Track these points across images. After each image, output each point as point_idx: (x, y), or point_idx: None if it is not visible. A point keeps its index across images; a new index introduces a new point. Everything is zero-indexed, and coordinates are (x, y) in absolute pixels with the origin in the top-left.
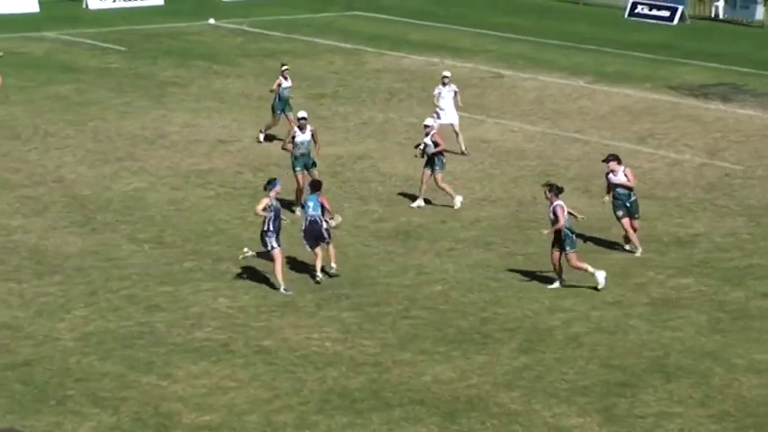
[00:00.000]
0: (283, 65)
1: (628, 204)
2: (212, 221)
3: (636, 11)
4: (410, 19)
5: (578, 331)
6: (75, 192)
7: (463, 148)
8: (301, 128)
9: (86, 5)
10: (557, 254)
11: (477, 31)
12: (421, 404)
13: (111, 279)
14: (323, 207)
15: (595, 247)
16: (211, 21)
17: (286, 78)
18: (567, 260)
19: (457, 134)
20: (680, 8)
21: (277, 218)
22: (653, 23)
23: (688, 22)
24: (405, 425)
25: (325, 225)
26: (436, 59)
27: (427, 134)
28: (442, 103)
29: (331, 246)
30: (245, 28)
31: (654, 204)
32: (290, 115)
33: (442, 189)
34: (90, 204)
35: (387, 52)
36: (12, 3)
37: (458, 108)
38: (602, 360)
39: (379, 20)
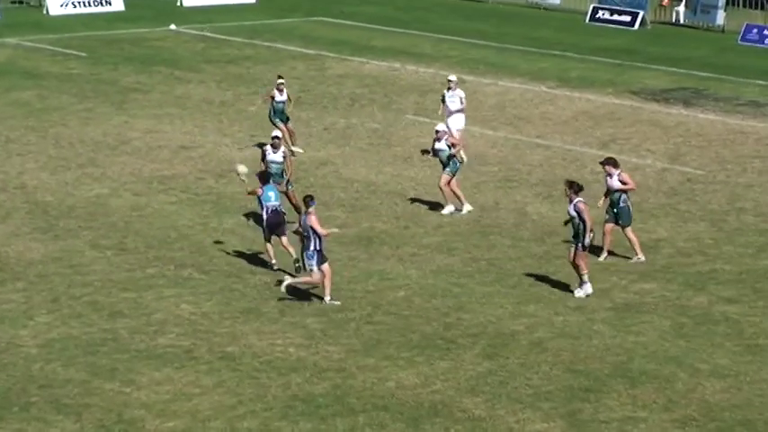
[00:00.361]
0: (279, 77)
1: (615, 210)
2: (175, 227)
3: (597, 16)
4: (372, 24)
5: (542, 336)
6: (37, 198)
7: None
8: (274, 147)
9: (47, 11)
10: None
11: (439, 36)
12: (385, 410)
13: (74, 285)
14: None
15: (559, 253)
16: (173, 26)
17: (281, 92)
18: (574, 255)
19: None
20: (641, 13)
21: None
22: (614, 28)
23: (649, 27)
24: (369, 431)
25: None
26: (398, 65)
27: (438, 139)
28: (448, 107)
29: (284, 238)
30: (207, 34)
31: None
32: (290, 126)
33: (452, 193)
34: (52, 211)
35: (349, 58)
36: None
37: (464, 112)
38: (566, 365)
39: (342, 25)
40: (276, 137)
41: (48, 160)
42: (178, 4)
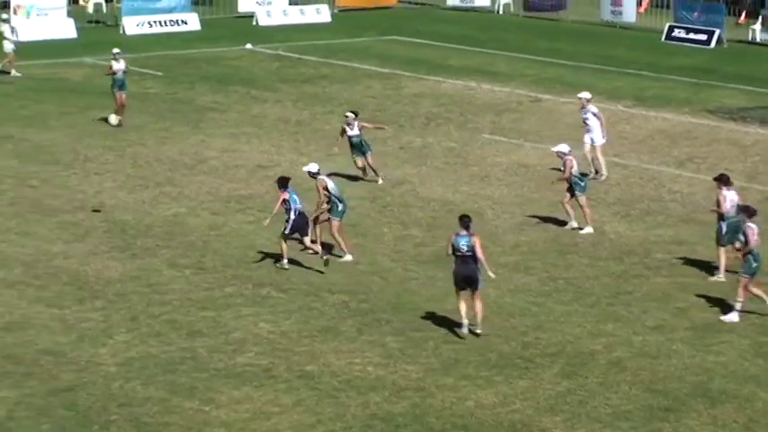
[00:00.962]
0: (349, 113)
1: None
2: (253, 246)
3: (673, 34)
4: (448, 43)
5: (621, 356)
6: (115, 217)
7: (603, 170)
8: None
9: (123, 31)
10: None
11: (515, 55)
12: (464, 429)
13: (153, 304)
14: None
15: (637, 272)
16: (248, 46)
17: (351, 126)
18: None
19: (595, 156)
20: (717, 32)
21: None
22: (690, 47)
23: (725, 45)
24: None
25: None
26: (474, 84)
27: (565, 162)
28: (589, 124)
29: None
30: (282, 53)
31: (694, 228)
32: (369, 159)
33: (586, 212)
34: (130, 230)
35: (425, 77)
36: (50, 29)
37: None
38: (645, 385)
39: (417, 44)
40: (311, 172)
41: (125, 179)
42: (254, 23)
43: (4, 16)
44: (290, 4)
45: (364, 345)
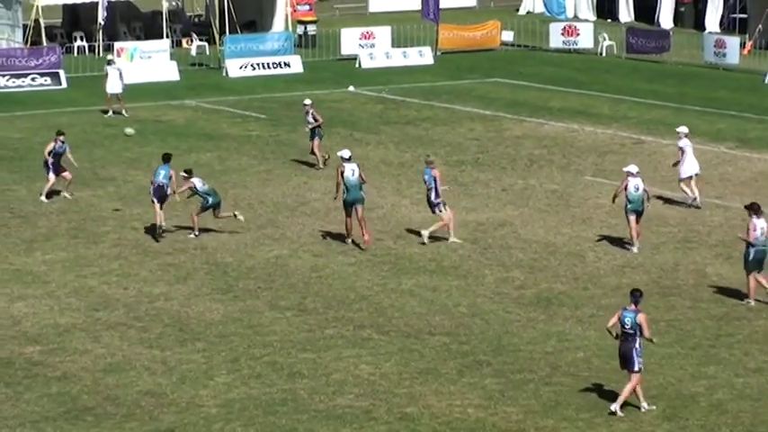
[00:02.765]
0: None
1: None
2: (354, 288)
3: None
4: (550, 85)
5: (722, 398)
6: (217, 259)
7: (695, 196)
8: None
9: (226, 73)
10: None
11: (618, 97)
12: None
13: (254, 346)
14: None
15: (739, 314)
16: (351, 88)
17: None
18: None
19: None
20: None
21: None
22: None
23: None
24: None
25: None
26: (576, 126)
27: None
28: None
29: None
30: (386, 95)
31: None
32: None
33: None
34: (232, 271)
35: (527, 119)
36: (152, 72)
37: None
38: (746, 427)
39: (519, 86)
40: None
41: (227, 221)
42: (357, 65)
43: (110, 57)
44: (392, 46)
45: (464, 387)
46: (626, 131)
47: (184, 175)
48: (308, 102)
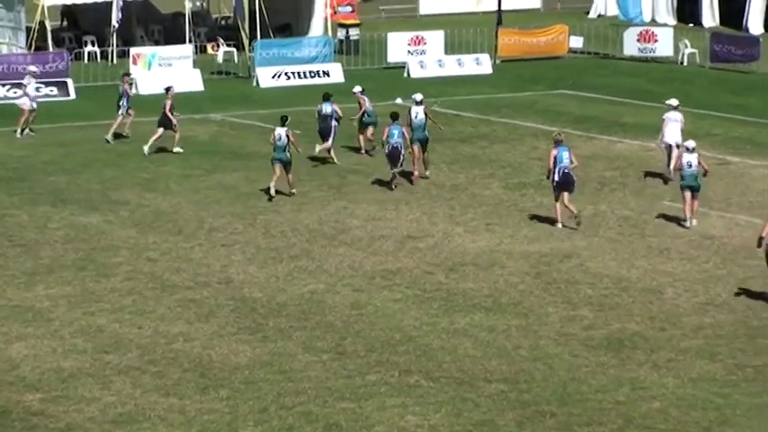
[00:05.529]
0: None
1: None
2: (399, 328)
3: None
4: (623, 98)
5: None
6: (244, 294)
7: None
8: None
9: (257, 83)
10: None
11: (700, 111)
12: None
13: (285, 393)
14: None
15: None
16: (398, 100)
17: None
18: None
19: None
20: None
21: None
22: None
23: None
24: None
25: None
26: (653, 144)
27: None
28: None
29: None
30: (437, 108)
31: None
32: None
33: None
34: (261, 308)
35: (597, 136)
36: (172, 81)
37: None
38: None
39: (588, 99)
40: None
41: (256, 251)
42: (405, 75)
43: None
44: (446, 53)
45: None
46: (709, 151)
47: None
48: (357, 89)
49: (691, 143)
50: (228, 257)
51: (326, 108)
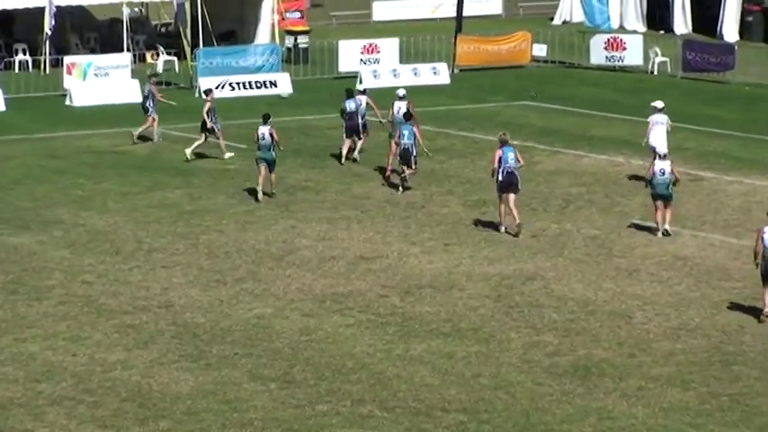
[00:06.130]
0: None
1: None
2: (352, 355)
3: None
4: (590, 110)
5: None
6: (185, 319)
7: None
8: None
9: (199, 94)
10: None
11: (672, 124)
12: None
13: (230, 425)
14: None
15: None
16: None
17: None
18: None
19: None
20: None
21: None
22: None
23: None
24: None
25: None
26: (621, 159)
27: None
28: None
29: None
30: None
31: None
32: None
33: None
34: (204, 334)
35: (562, 150)
36: (110, 92)
37: None
38: None
39: (553, 111)
40: None
41: (199, 273)
42: (358, 85)
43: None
44: (401, 62)
45: None
46: (682, 166)
47: None
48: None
49: (662, 149)
50: (169, 280)
51: (350, 105)
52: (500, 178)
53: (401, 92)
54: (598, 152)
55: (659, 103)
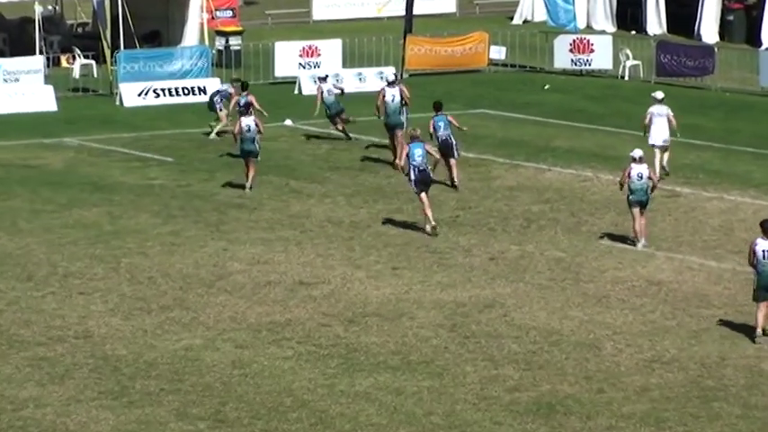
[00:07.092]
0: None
1: None
2: (290, 391)
3: None
4: (555, 119)
5: None
6: (105, 351)
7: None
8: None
9: (120, 101)
10: None
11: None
12: None
13: None
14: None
15: None
16: (288, 122)
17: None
18: None
19: None
20: None
21: None
22: None
23: None
24: None
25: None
26: (589, 173)
27: None
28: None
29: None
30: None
31: None
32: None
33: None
34: (126, 368)
35: (522, 163)
36: (20, 99)
37: None
38: None
39: (513, 120)
40: None
41: (120, 301)
42: (296, 91)
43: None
44: (344, 66)
45: None
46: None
47: None
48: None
49: (638, 152)
50: (87, 308)
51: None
52: (412, 177)
53: (391, 76)
54: (563, 166)
55: (659, 94)
